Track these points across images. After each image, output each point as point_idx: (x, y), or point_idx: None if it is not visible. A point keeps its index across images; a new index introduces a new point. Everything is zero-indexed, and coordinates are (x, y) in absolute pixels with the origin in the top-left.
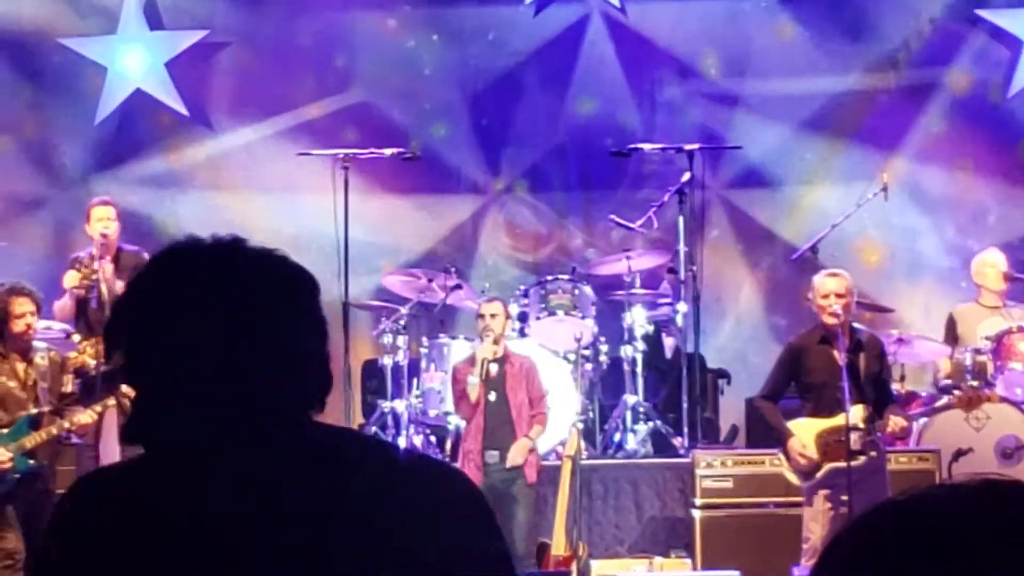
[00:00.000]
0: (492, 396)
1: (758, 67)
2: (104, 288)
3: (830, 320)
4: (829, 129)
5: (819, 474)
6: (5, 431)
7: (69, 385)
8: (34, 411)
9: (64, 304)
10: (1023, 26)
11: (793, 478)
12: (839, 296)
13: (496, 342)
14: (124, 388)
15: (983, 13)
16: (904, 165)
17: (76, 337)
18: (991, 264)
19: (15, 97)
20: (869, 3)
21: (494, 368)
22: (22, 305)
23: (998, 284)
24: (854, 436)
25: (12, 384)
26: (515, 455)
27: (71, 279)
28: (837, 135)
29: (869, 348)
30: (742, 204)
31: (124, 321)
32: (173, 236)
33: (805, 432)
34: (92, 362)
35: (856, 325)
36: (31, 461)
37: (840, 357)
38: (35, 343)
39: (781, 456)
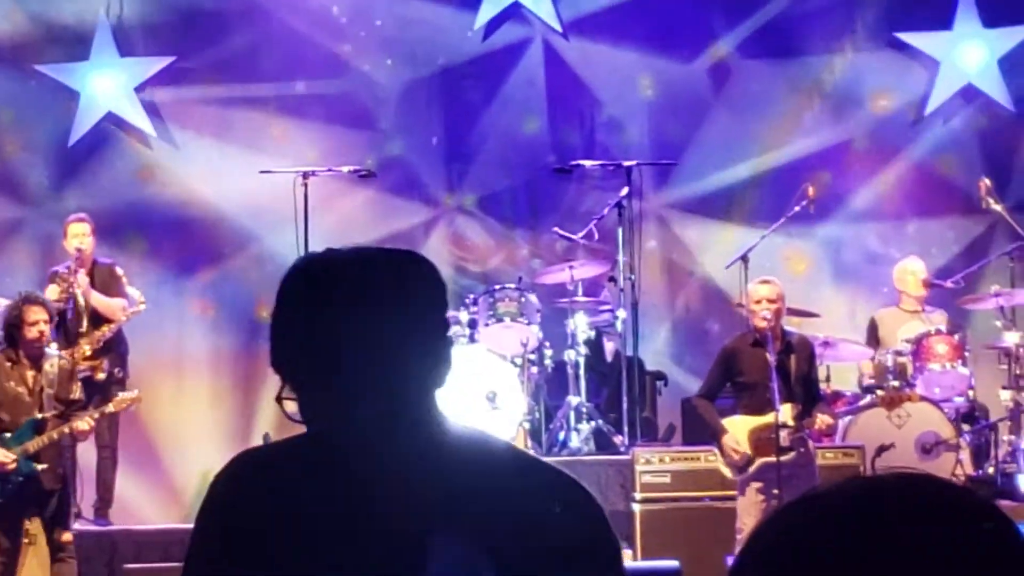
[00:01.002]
0: None
1: (691, 87)
2: (80, 299)
3: (761, 324)
4: (758, 146)
5: (751, 468)
6: (9, 435)
7: (77, 392)
8: (38, 416)
9: None
10: (939, 48)
11: (727, 472)
12: (770, 301)
13: None
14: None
15: (902, 36)
16: (829, 179)
17: (54, 346)
18: (911, 271)
19: None
20: (794, 27)
21: None
22: (35, 313)
23: (917, 290)
24: (784, 433)
25: (21, 390)
26: None
27: (52, 292)
28: (766, 151)
29: (799, 350)
30: (677, 216)
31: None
32: (144, 250)
33: (738, 429)
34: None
35: (787, 328)
36: (34, 464)
37: (771, 359)
38: (47, 350)
39: (716, 452)
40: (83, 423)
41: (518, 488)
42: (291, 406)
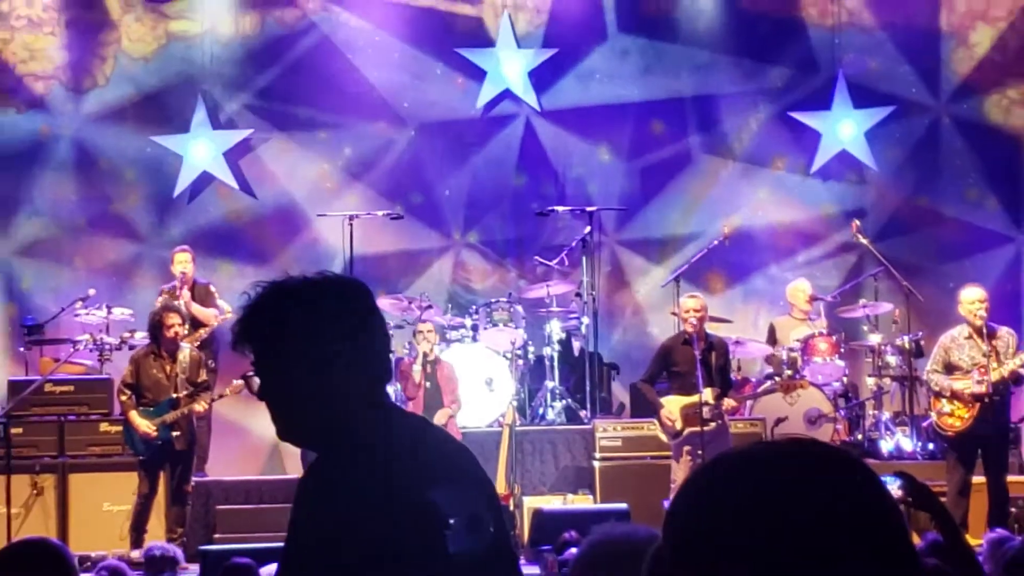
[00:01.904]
0: (428, 384)
1: (636, 152)
2: (184, 309)
3: (690, 328)
4: (689, 194)
5: (682, 435)
6: (152, 409)
7: (203, 376)
8: (174, 396)
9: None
10: (821, 123)
11: (664, 438)
12: (696, 312)
13: (430, 347)
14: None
15: (793, 114)
16: (740, 220)
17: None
18: (800, 289)
19: (122, 176)
20: (713, 106)
21: (430, 366)
22: (172, 318)
23: (805, 304)
24: (706, 409)
25: (160, 376)
26: (438, 418)
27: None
28: (695, 199)
29: (718, 348)
30: (627, 247)
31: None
32: (232, 272)
33: (672, 405)
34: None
35: (709, 331)
36: (170, 431)
37: (697, 354)
38: (182, 344)
39: (656, 422)
40: (199, 405)
41: None
42: (256, 383)
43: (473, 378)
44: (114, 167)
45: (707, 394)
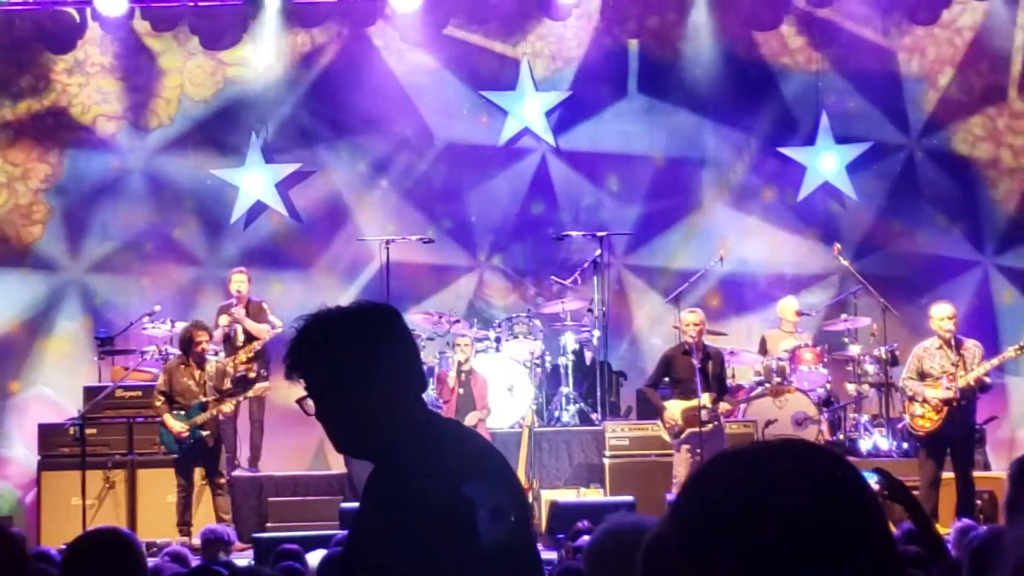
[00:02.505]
0: (462, 391)
1: (639, 184)
2: (239, 326)
3: (690, 340)
4: (688, 222)
5: (682, 436)
6: (183, 412)
7: (228, 384)
8: (203, 400)
9: (216, 335)
10: (806, 157)
11: (666, 437)
12: (695, 325)
13: (465, 358)
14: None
15: (781, 149)
16: (735, 244)
17: (221, 355)
18: (788, 305)
19: (184, 206)
20: (710, 143)
21: (464, 375)
22: (200, 335)
23: (792, 318)
24: (704, 412)
25: (190, 383)
26: (469, 420)
27: (222, 320)
28: (694, 226)
29: (714, 358)
30: (633, 269)
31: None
32: (282, 291)
33: (674, 408)
34: (231, 370)
35: (706, 343)
36: (200, 432)
37: (696, 363)
38: (208, 357)
39: (659, 423)
40: (227, 407)
41: None
42: (310, 406)
43: (496, 385)
44: (177, 197)
45: (705, 398)
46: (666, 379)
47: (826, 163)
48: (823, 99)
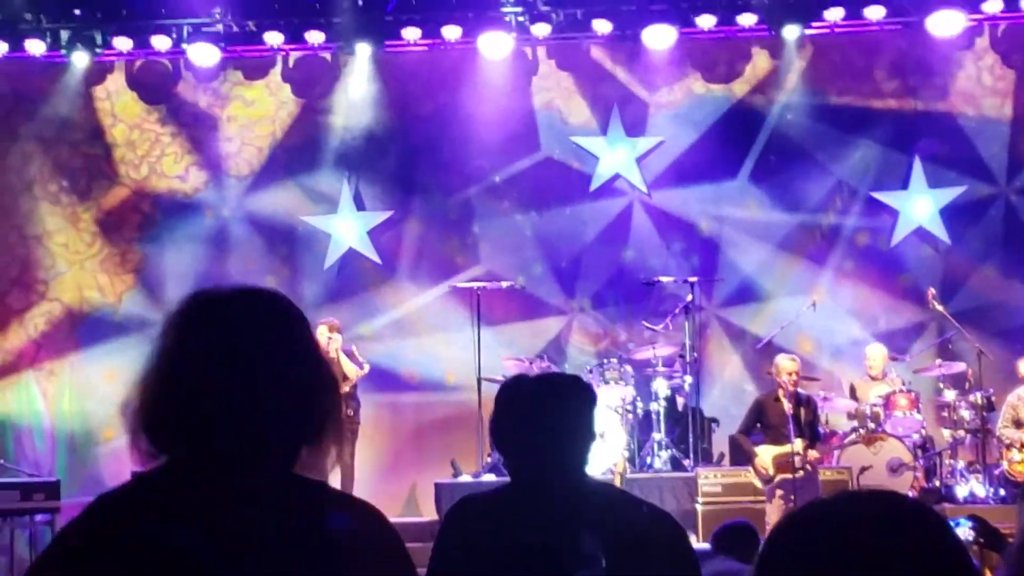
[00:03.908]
0: None
1: (732, 228)
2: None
3: (789, 388)
4: (780, 267)
5: (775, 482)
6: None
7: None
8: None
9: None
10: (899, 201)
11: (758, 484)
12: (790, 372)
13: None
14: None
15: (874, 194)
16: (826, 289)
17: None
18: (879, 351)
19: (276, 254)
20: (804, 186)
21: None
22: None
23: (883, 364)
24: (796, 458)
25: None
26: None
27: None
28: (786, 271)
29: (806, 404)
30: (725, 313)
31: None
32: (372, 337)
33: (766, 454)
34: None
35: (799, 390)
36: None
37: (788, 409)
38: None
39: (751, 470)
40: None
41: (634, 515)
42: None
43: None
44: (269, 245)
45: (797, 444)
46: (758, 425)
47: (919, 207)
48: (916, 143)
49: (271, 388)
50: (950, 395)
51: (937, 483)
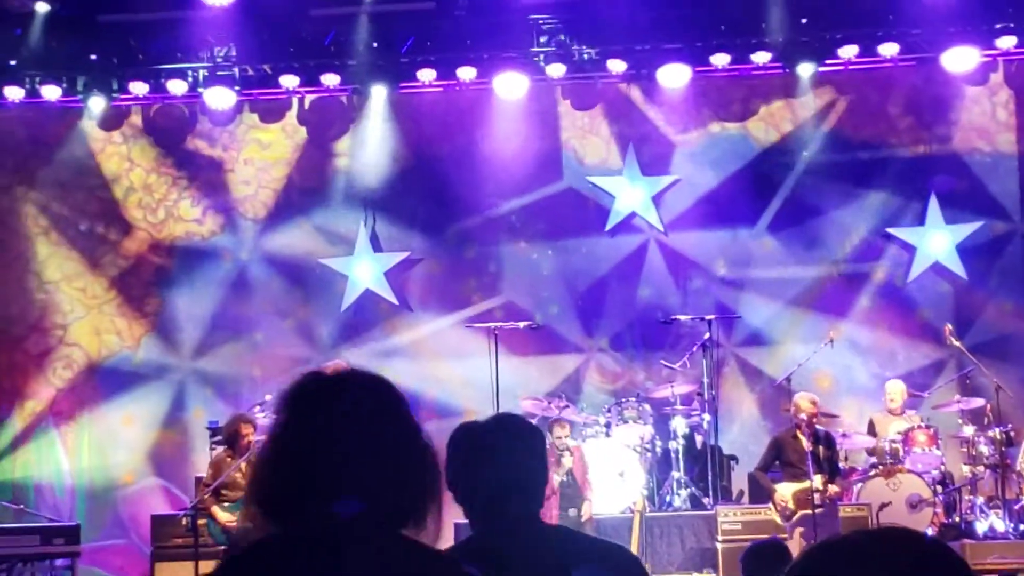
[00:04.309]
0: (567, 478)
1: (750, 267)
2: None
3: (804, 425)
4: (797, 305)
5: (794, 518)
6: (231, 503)
7: None
8: None
9: None
10: (916, 237)
11: (778, 520)
12: (809, 411)
13: (566, 448)
14: None
15: (891, 230)
16: (843, 326)
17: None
18: (897, 387)
19: (293, 296)
20: (820, 225)
21: (568, 462)
22: (247, 429)
23: (901, 399)
24: (816, 495)
25: (237, 475)
26: (585, 511)
27: None
28: (802, 309)
29: (824, 441)
30: (742, 352)
31: None
32: (391, 378)
33: (786, 491)
34: None
35: (817, 426)
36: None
37: (807, 446)
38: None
39: (771, 506)
40: None
41: (604, 549)
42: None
43: (607, 470)
44: (287, 287)
45: (817, 481)
46: (776, 462)
47: (936, 243)
48: (932, 179)
49: (379, 464)
50: (969, 430)
51: (957, 519)
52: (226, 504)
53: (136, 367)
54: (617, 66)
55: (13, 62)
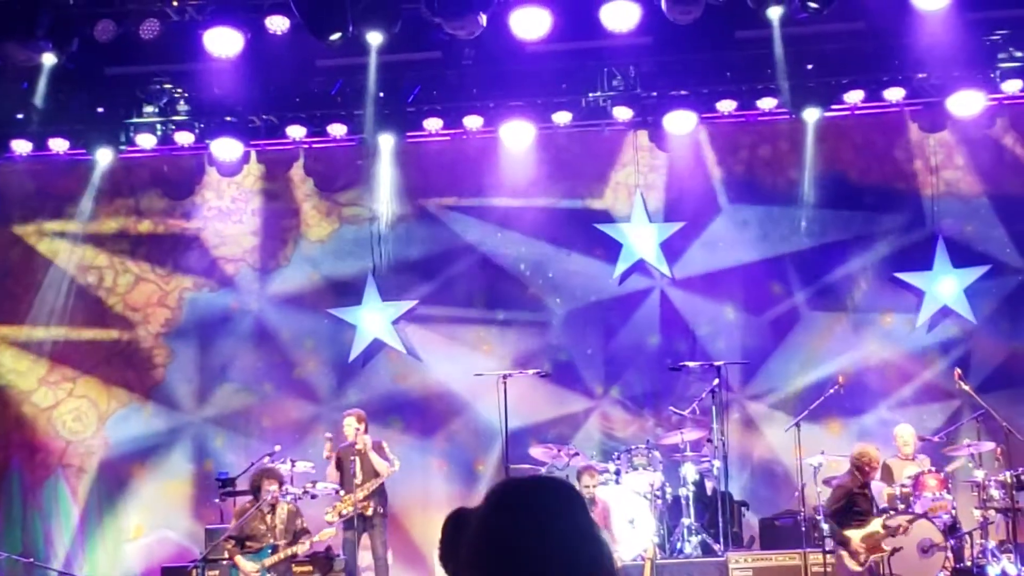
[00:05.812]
0: None
1: (756, 313)
2: (358, 459)
3: (870, 475)
4: (807, 347)
5: (867, 563)
6: (254, 553)
7: (301, 525)
8: (272, 542)
9: (331, 471)
10: (924, 282)
11: (853, 565)
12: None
13: (592, 498)
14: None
15: (899, 275)
16: (854, 370)
17: (341, 492)
18: (907, 432)
19: (303, 345)
20: (828, 269)
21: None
22: (269, 482)
23: (911, 444)
24: (887, 539)
25: (261, 526)
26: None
27: (328, 447)
28: (812, 351)
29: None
30: (752, 397)
31: None
32: (400, 427)
33: (856, 538)
34: (350, 509)
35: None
36: (268, 574)
37: (871, 495)
38: (281, 499)
39: (843, 553)
40: (300, 548)
41: None
42: None
43: (617, 517)
44: (295, 337)
45: (877, 524)
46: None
47: (944, 287)
48: (939, 223)
49: (562, 565)
50: (979, 474)
51: (968, 563)
52: (249, 554)
53: (147, 417)
54: (623, 113)
55: (20, 115)
